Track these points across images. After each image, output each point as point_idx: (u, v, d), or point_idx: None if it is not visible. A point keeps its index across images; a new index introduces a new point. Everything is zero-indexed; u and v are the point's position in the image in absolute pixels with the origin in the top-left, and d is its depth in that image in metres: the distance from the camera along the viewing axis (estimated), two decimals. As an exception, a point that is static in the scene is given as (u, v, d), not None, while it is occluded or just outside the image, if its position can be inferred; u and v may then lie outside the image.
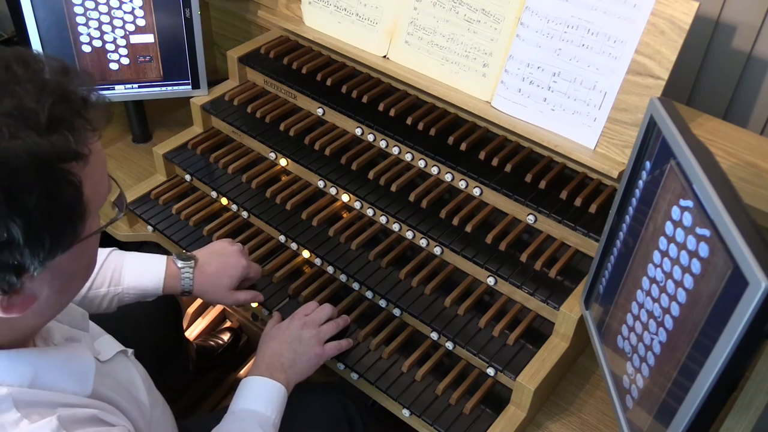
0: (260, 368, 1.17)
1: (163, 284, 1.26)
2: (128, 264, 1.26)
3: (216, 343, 1.91)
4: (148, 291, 1.27)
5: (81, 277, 0.84)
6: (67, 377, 0.86)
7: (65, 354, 0.88)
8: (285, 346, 1.20)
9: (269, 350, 1.20)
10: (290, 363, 1.18)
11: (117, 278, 1.25)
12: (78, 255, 0.78)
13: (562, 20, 1.26)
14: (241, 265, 1.28)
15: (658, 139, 0.91)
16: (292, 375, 1.18)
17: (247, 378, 1.16)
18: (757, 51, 1.40)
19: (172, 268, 1.26)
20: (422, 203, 1.35)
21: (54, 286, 0.78)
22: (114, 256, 1.26)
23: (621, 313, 1.00)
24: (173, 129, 1.74)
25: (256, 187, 1.49)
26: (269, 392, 1.13)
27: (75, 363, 0.89)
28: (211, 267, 1.27)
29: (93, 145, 0.75)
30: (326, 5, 1.54)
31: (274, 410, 1.12)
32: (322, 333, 1.23)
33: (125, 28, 1.55)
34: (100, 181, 0.78)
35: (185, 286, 1.26)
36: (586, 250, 1.27)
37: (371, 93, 1.51)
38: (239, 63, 1.63)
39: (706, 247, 0.77)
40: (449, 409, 1.17)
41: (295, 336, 1.21)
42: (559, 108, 1.29)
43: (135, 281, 1.25)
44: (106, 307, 1.27)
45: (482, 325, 1.23)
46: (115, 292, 1.25)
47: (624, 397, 0.98)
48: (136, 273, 1.26)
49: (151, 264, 1.27)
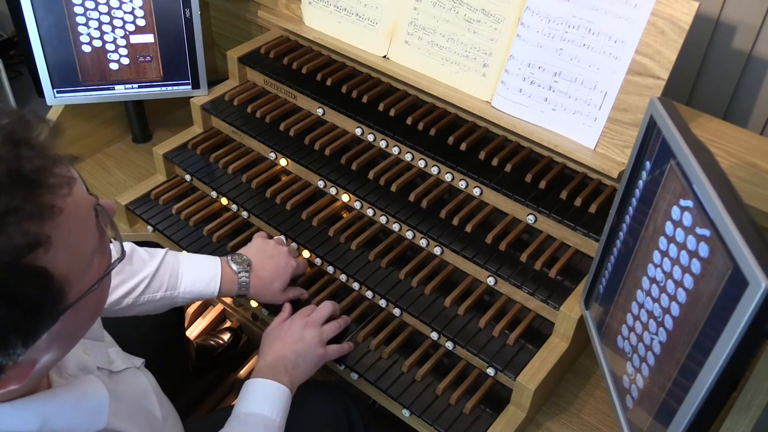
0: (263, 370, 1.16)
1: (219, 288, 1.26)
2: (184, 267, 1.24)
3: (216, 343, 1.91)
4: (203, 295, 1.26)
5: (87, 325, 0.78)
6: (79, 416, 0.82)
7: (78, 393, 0.84)
8: (288, 348, 1.19)
9: (272, 352, 1.20)
10: (293, 365, 1.18)
11: (174, 283, 1.23)
12: (74, 315, 0.70)
13: (563, 20, 1.26)
14: (291, 266, 1.29)
15: (658, 139, 0.91)
16: (295, 376, 1.18)
17: (250, 380, 1.16)
18: (757, 51, 1.40)
19: (228, 272, 1.26)
20: (422, 203, 1.35)
21: (54, 347, 0.72)
22: (170, 259, 1.24)
23: (621, 313, 1.00)
24: (173, 129, 1.74)
25: (256, 187, 1.49)
26: (274, 395, 1.13)
27: (88, 400, 0.84)
28: (265, 270, 1.28)
29: (64, 201, 0.65)
30: (326, 5, 1.54)
31: (279, 413, 1.11)
32: (324, 333, 1.22)
33: (125, 28, 1.56)
34: (75, 242, 0.67)
35: (242, 290, 1.27)
36: (586, 250, 1.27)
37: (371, 93, 1.51)
38: (239, 63, 1.63)
39: (706, 247, 0.77)
40: (449, 409, 1.17)
41: (297, 337, 1.21)
42: (560, 108, 1.29)
43: (191, 285, 1.24)
44: (158, 308, 1.25)
45: (482, 325, 1.23)
46: (171, 296, 1.24)
47: (624, 397, 0.98)
48: (192, 277, 1.24)
49: (206, 267, 1.26)
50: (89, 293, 0.71)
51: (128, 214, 1.54)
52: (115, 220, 0.77)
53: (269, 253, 1.30)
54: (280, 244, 1.33)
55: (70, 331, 0.73)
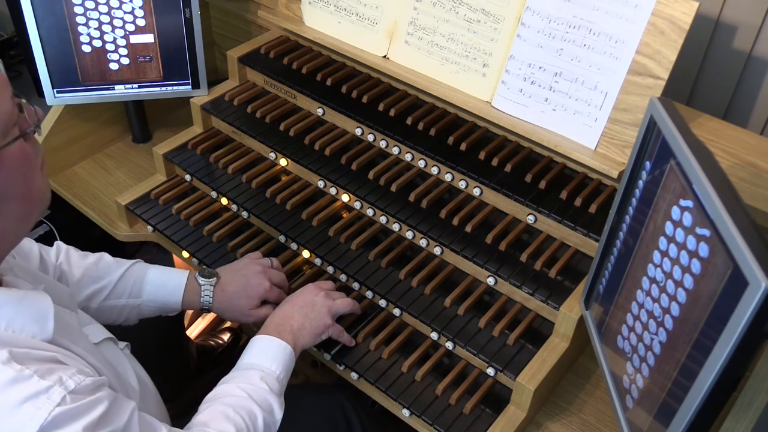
0: (269, 328, 1.18)
1: (183, 299, 1.26)
2: (150, 277, 1.26)
3: (216, 343, 1.92)
4: (167, 305, 1.27)
5: (12, 197, 0.81)
6: (20, 316, 0.83)
7: (21, 294, 0.85)
8: (297, 309, 1.20)
9: (280, 311, 1.21)
10: (299, 326, 1.19)
11: (137, 290, 1.25)
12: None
13: (563, 20, 1.26)
14: (263, 287, 1.27)
15: (658, 139, 0.91)
16: (300, 338, 1.18)
17: (254, 337, 1.17)
18: (757, 51, 1.40)
19: (192, 283, 1.27)
20: (422, 203, 1.35)
21: None
22: (136, 268, 1.27)
23: (621, 313, 1.00)
24: (173, 129, 1.74)
25: (256, 187, 1.49)
26: (275, 349, 1.14)
27: (32, 304, 0.85)
28: (232, 286, 1.27)
29: None
30: (326, 5, 1.54)
31: (279, 366, 1.12)
32: (335, 306, 1.23)
33: (125, 28, 1.56)
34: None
35: (204, 303, 1.27)
36: (586, 250, 1.27)
37: (371, 93, 1.51)
38: (239, 63, 1.63)
39: (706, 247, 0.77)
40: (449, 409, 1.17)
41: (308, 301, 1.22)
42: (560, 108, 1.29)
43: (154, 294, 1.26)
44: (125, 319, 1.27)
45: (482, 325, 1.23)
46: (134, 304, 1.25)
47: (624, 397, 0.98)
48: (156, 286, 1.26)
49: (172, 278, 1.27)
50: (6, 146, 0.79)
51: (128, 214, 1.54)
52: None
53: (241, 271, 1.29)
54: (257, 264, 1.30)
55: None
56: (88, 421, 0.80)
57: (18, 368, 0.77)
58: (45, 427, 0.76)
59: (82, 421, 0.79)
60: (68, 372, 0.80)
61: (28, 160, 0.83)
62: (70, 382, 0.79)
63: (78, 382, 0.80)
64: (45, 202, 0.88)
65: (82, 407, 0.80)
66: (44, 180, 0.88)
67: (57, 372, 0.79)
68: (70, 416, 0.78)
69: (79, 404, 0.79)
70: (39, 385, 0.77)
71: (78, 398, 0.79)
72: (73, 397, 0.79)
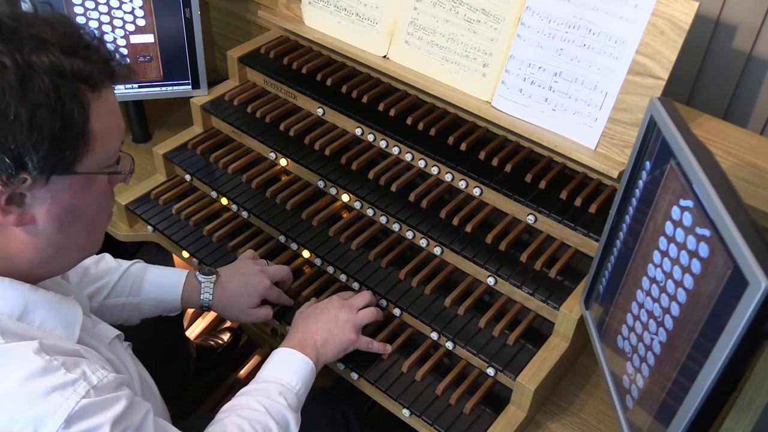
0: (292, 341, 1.17)
1: (182, 297, 1.26)
2: (149, 275, 1.27)
3: (216, 343, 1.92)
4: (166, 303, 1.27)
5: (82, 222, 0.86)
6: (53, 318, 0.88)
7: (57, 298, 0.89)
8: (320, 325, 1.20)
9: (304, 326, 1.20)
10: (323, 342, 1.18)
11: (136, 289, 1.25)
12: (79, 189, 0.83)
13: (563, 20, 1.26)
14: (263, 285, 1.27)
15: (658, 139, 0.91)
16: (322, 354, 1.18)
17: (277, 349, 1.17)
18: (757, 51, 1.40)
19: (192, 281, 1.27)
20: (422, 203, 1.35)
21: (52, 214, 0.82)
22: (136, 267, 1.27)
23: (621, 313, 1.00)
24: (173, 129, 1.74)
25: (256, 187, 1.49)
26: (296, 364, 1.14)
27: (64, 308, 0.90)
28: (233, 284, 1.27)
29: (106, 89, 0.83)
30: (326, 5, 1.54)
31: (299, 381, 1.12)
32: (358, 318, 1.22)
33: (125, 28, 1.56)
34: (109, 124, 0.84)
35: (204, 300, 1.27)
36: (586, 250, 1.27)
37: (371, 93, 1.51)
38: (239, 63, 1.63)
39: (706, 247, 0.77)
40: (449, 409, 1.17)
41: (332, 316, 1.21)
42: (560, 108, 1.29)
43: (153, 292, 1.26)
44: (126, 319, 1.28)
45: (482, 325, 1.23)
46: (134, 302, 1.26)
47: (624, 397, 0.98)
48: (155, 284, 1.26)
49: (171, 276, 1.27)
50: (96, 174, 0.85)
51: (128, 214, 1.54)
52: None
53: (241, 270, 1.29)
54: (257, 264, 1.31)
55: (68, 208, 0.83)
56: (113, 414, 0.83)
57: (47, 359, 0.80)
58: (72, 416, 0.79)
59: (107, 414, 0.83)
60: (91, 367, 0.84)
61: (107, 198, 0.90)
62: (93, 378, 0.83)
63: (101, 378, 0.84)
64: (97, 246, 0.94)
65: (106, 401, 0.83)
66: (105, 228, 0.94)
67: (81, 366, 0.83)
68: (96, 408, 0.82)
69: (103, 398, 0.83)
70: (66, 378, 0.81)
71: (101, 393, 0.83)
72: (96, 392, 0.83)
